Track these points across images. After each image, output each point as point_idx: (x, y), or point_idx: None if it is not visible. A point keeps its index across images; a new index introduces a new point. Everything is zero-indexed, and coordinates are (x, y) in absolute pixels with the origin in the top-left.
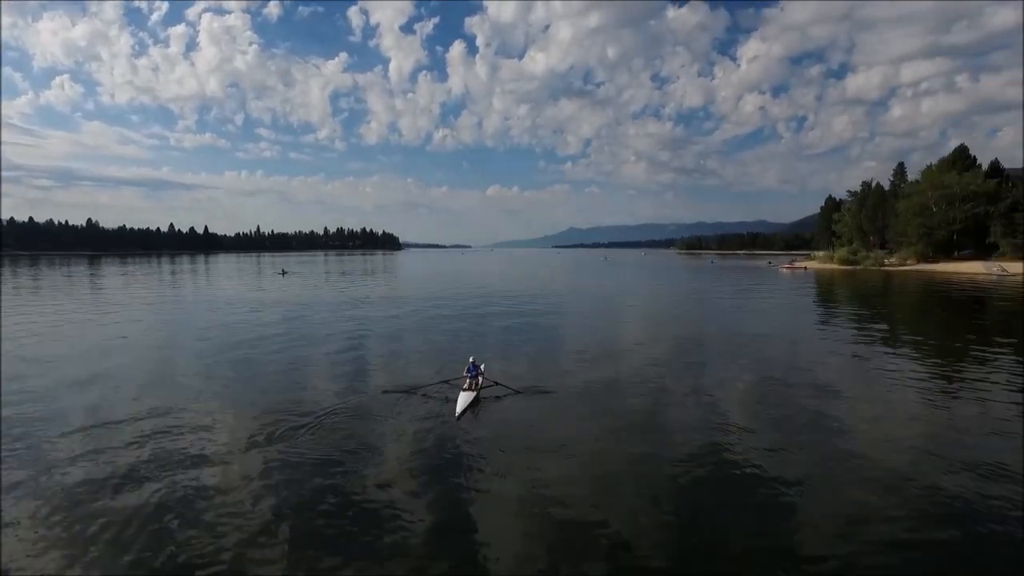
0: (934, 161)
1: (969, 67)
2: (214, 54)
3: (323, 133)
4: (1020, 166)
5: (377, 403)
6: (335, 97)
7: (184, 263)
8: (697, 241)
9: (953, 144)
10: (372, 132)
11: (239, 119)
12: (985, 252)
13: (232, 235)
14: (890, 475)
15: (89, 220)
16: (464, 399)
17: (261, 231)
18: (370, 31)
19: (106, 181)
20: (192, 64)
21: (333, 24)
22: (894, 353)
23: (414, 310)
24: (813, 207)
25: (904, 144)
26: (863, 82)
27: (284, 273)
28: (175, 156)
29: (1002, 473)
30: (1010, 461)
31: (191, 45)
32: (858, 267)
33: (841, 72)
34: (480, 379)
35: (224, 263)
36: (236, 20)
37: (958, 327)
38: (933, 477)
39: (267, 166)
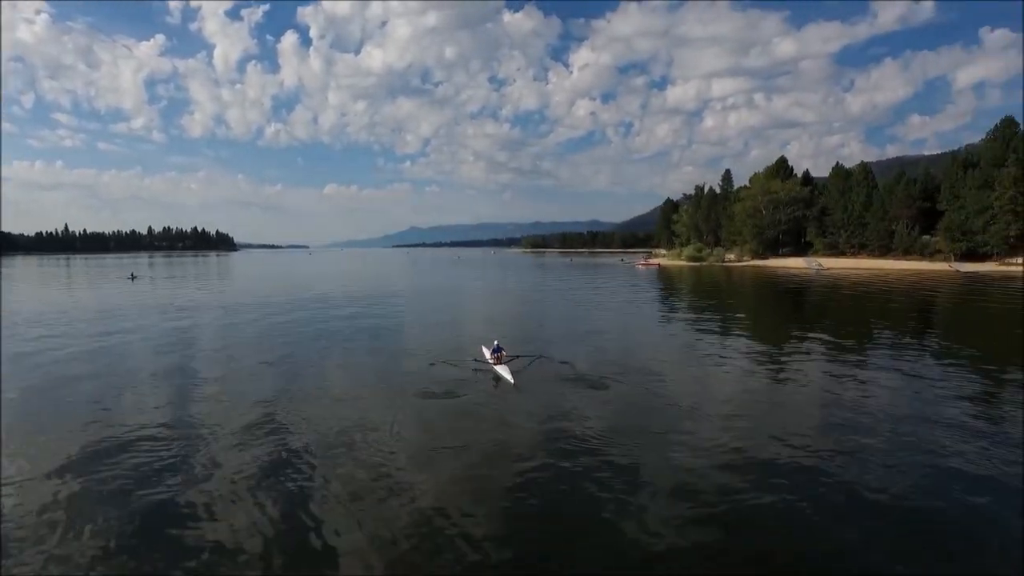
0: (739, 167)
1: (764, 88)
2: None
3: (138, 122)
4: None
5: (431, 372)
6: (151, 83)
7: None
8: (541, 240)
9: (755, 154)
10: (196, 124)
11: (28, 100)
12: (802, 249)
13: (32, 234)
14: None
15: None
16: (504, 371)
17: (70, 230)
18: (191, 13)
19: None
20: None
21: (145, 2)
22: (750, 336)
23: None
24: (641, 207)
25: (717, 151)
26: (681, 94)
27: (134, 278)
28: None
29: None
30: (816, 426)
31: None
32: (704, 263)
33: (662, 83)
34: (503, 354)
35: (27, 267)
36: None
37: (794, 312)
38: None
39: (69, 157)
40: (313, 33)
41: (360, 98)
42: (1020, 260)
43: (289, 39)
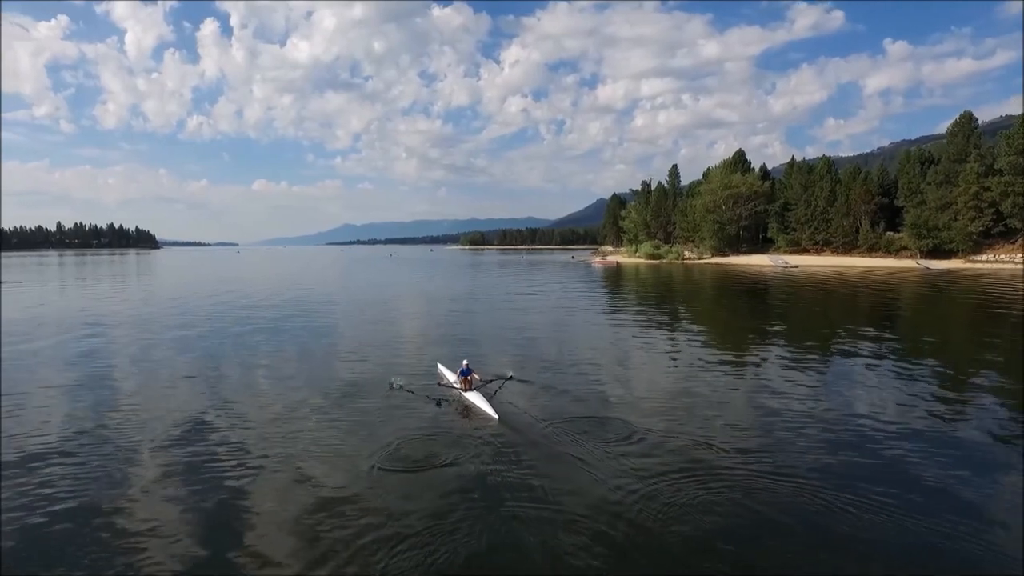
0: (670, 165)
1: (691, 88)
2: None
3: (42, 110)
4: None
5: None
6: (55, 69)
7: None
8: (480, 237)
9: (685, 152)
10: (110, 114)
11: None
12: (761, 246)
13: None
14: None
15: None
16: (479, 399)
17: None
18: None
19: None
20: None
21: None
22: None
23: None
24: (575, 205)
25: (647, 149)
26: (611, 93)
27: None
28: None
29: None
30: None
31: None
32: (663, 261)
33: (593, 82)
34: (473, 378)
35: None
36: None
37: (784, 312)
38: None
39: None
40: (234, 22)
41: (287, 91)
42: (984, 258)
43: (209, 27)
